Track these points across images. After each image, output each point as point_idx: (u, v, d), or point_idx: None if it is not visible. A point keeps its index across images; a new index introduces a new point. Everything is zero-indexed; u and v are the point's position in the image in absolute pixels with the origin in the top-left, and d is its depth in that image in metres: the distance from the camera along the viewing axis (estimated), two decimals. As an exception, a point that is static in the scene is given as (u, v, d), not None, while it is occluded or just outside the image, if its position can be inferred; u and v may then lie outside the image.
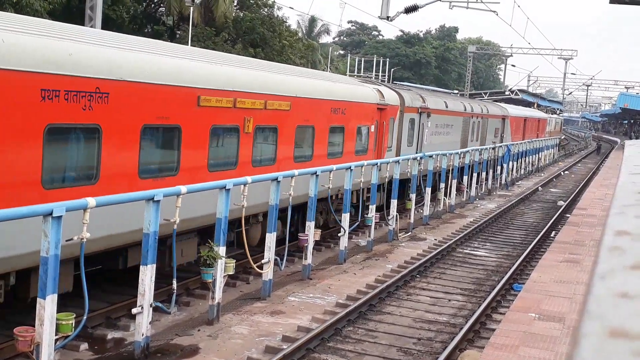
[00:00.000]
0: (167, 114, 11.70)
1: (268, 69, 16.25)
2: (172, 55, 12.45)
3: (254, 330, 11.82)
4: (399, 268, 16.86)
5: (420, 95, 25.83)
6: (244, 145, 13.96)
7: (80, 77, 9.83)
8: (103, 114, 10.26)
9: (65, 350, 10.19)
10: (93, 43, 10.57)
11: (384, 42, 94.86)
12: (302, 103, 16.19)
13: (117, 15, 33.11)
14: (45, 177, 9.39)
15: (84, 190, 9.77)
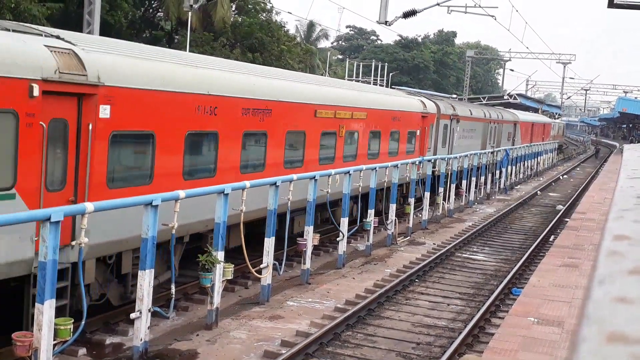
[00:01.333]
0: (298, 123, 16.71)
1: (352, 88, 22.56)
2: (300, 82, 17.87)
3: (252, 335, 11.80)
4: (397, 272, 16.84)
5: (451, 104, 30.03)
6: (339, 146, 18.91)
7: (259, 100, 14.71)
8: (268, 124, 15.14)
9: (63, 356, 10.17)
10: (264, 76, 15.84)
11: (382, 46, 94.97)
12: (374, 113, 21.05)
13: (116, 20, 33.12)
14: (242, 165, 14.30)
15: (255, 176, 14.34)
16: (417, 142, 24.98)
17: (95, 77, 10.29)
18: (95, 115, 10.38)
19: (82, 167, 10.31)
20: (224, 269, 12.06)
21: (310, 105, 17.11)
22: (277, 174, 14.76)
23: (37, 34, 10.52)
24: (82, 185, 10.32)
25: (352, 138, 19.75)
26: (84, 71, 10.13)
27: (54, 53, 9.82)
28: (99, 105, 10.39)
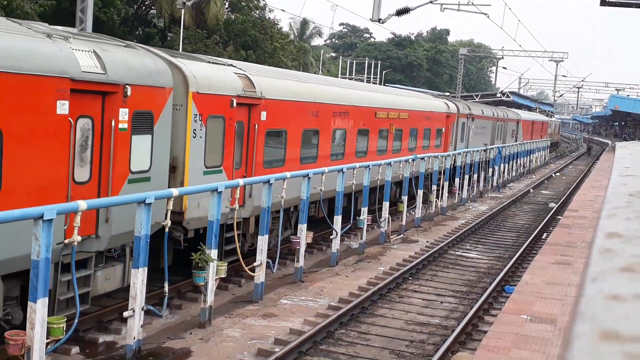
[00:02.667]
0: (365, 123, 21.29)
1: (398, 94, 27.40)
2: (365, 90, 23.84)
3: (246, 333, 11.80)
4: (391, 270, 16.87)
5: (467, 105, 34.52)
6: (389, 140, 23.67)
7: (342, 105, 19.72)
8: (347, 123, 19.99)
9: (56, 354, 10.15)
10: (344, 87, 21.59)
11: (375, 44, 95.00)
12: (414, 114, 25.83)
13: (108, 17, 33.02)
14: (332, 154, 19.33)
15: (340, 162, 18.96)
16: (443, 137, 29.56)
17: (260, 93, 15.18)
18: (259, 118, 15.21)
19: (250, 153, 15.02)
20: (218, 267, 12.05)
21: (372, 108, 22.02)
22: (353, 162, 19.40)
23: (223, 64, 15.27)
24: (250, 166, 15.05)
25: (398, 134, 24.44)
26: (254, 89, 14.95)
27: (239, 77, 14.66)
28: (260, 112, 15.22)
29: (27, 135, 9.42)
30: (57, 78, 9.77)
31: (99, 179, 10.85)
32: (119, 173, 11.09)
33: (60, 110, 9.85)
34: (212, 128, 13.65)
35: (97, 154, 10.79)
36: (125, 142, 11.21)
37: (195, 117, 13.16)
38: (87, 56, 10.49)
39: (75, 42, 10.56)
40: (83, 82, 10.23)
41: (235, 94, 14.17)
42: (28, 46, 9.57)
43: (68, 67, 9.98)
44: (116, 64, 11.01)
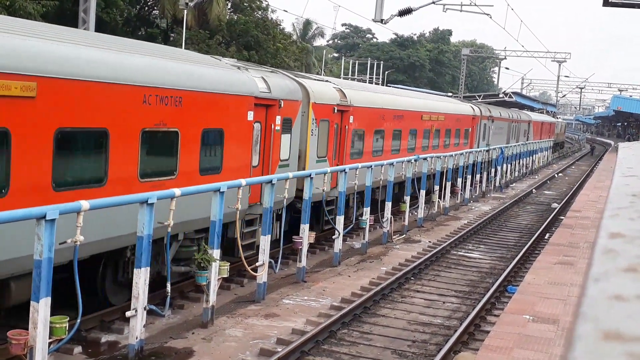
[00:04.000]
0: (414, 124, 25.92)
1: (437, 100, 32.69)
2: (414, 97, 29.05)
3: (248, 333, 11.80)
4: (393, 270, 16.86)
5: (488, 108, 38.52)
6: (431, 138, 27.99)
7: (398, 110, 24.15)
8: (402, 124, 24.59)
9: (59, 354, 10.15)
10: (399, 95, 26.92)
11: (378, 45, 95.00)
12: (449, 116, 30.31)
13: (111, 17, 33.05)
14: (392, 150, 23.95)
15: (395, 156, 22.84)
16: (469, 137, 33.86)
17: (349, 102, 20.02)
18: (349, 121, 20.04)
19: (341, 147, 19.75)
20: (220, 267, 12.06)
21: (419, 112, 26.58)
22: (406, 156, 23.16)
23: (325, 81, 20.67)
24: (341, 157, 19.85)
25: (436, 134, 28.67)
26: (346, 99, 19.85)
27: (337, 90, 19.75)
28: (349, 116, 20.01)
29: (236, 134, 14.02)
30: (248, 97, 14.45)
31: (263, 164, 15.59)
32: (274, 160, 15.94)
33: (249, 118, 14.48)
34: (321, 128, 18.57)
35: (262, 147, 15.49)
36: (278, 139, 16.03)
37: (313, 120, 17.96)
38: (260, 81, 15.18)
39: (252, 71, 15.54)
40: (260, 98, 14.91)
41: (335, 103, 19.19)
42: (234, 76, 14.41)
43: (253, 89, 14.67)
44: (275, 85, 15.77)
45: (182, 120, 12.33)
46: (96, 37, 12.44)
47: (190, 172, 12.56)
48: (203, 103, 12.87)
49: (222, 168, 13.47)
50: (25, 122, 9.08)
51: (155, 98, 11.51)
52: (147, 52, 12.31)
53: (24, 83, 8.88)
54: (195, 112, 12.66)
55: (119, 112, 10.83)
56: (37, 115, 9.24)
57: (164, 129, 11.86)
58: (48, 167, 9.46)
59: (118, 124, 10.80)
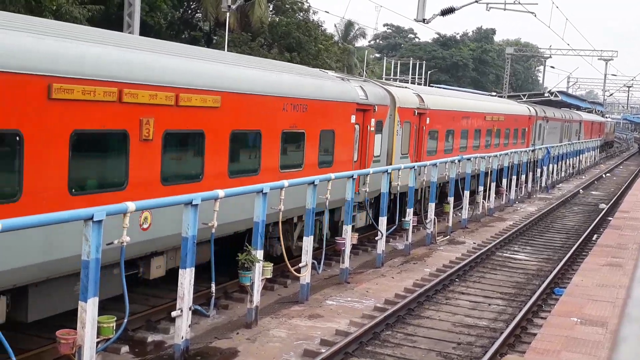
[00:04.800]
0: (478, 124, 28.24)
1: (498, 102, 35.39)
2: (477, 100, 31.21)
3: (292, 333, 11.82)
4: (437, 272, 16.72)
5: (542, 109, 40.13)
6: (492, 137, 30.21)
7: (467, 111, 26.71)
8: (469, 125, 27.16)
9: (106, 353, 10.30)
10: (466, 99, 29.68)
11: (420, 44, 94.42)
12: (508, 117, 32.51)
13: (155, 21, 33.48)
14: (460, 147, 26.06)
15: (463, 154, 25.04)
16: (526, 136, 35.81)
17: (427, 105, 22.49)
18: (425, 122, 22.43)
19: (419, 145, 22.22)
20: (263, 267, 12.09)
21: (483, 113, 28.96)
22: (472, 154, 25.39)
23: (405, 87, 23.28)
24: (419, 154, 22.20)
25: (497, 133, 30.74)
26: (424, 103, 22.36)
27: (416, 95, 22.28)
28: (426, 118, 22.40)
29: (343, 134, 17.00)
30: (352, 103, 17.39)
31: (360, 159, 18.24)
32: (369, 156, 18.63)
33: (352, 120, 17.42)
34: (404, 129, 21.07)
35: (360, 145, 18.21)
36: (372, 138, 18.77)
37: (398, 122, 20.45)
38: (359, 89, 18.08)
39: (352, 81, 18.58)
40: (360, 104, 17.78)
41: (415, 107, 21.75)
42: (341, 86, 17.37)
43: (354, 97, 17.59)
44: (371, 93, 18.59)
45: (307, 123, 15.36)
46: (252, 60, 16.40)
47: (312, 165, 15.60)
48: (321, 109, 15.95)
49: (333, 162, 16.53)
50: (214, 126, 12.20)
51: (290, 106, 14.62)
52: (284, 69, 15.83)
53: (214, 97, 12.08)
54: (315, 116, 15.66)
55: (267, 118, 13.87)
56: (220, 121, 12.32)
57: (295, 130, 14.95)
58: (226, 160, 12.58)
59: (267, 126, 13.84)
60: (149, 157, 10.76)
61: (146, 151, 10.69)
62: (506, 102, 36.84)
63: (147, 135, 10.64)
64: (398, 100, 20.49)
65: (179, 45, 13.96)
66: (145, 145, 10.65)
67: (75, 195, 9.45)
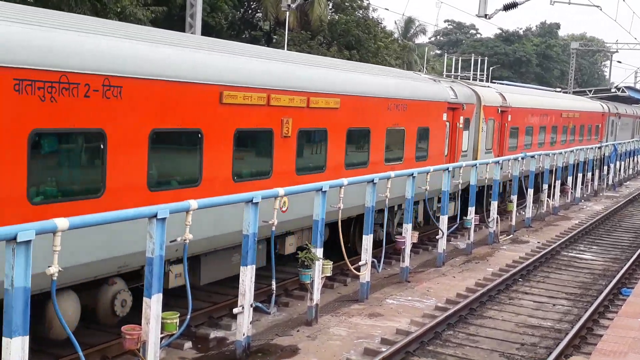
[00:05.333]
0: (555, 122, 29.49)
1: (571, 99, 36.22)
2: (553, 98, 32.74)
3: (352, 332, 11.80)
4: (500, 271, 16.45)
5: (615, 105, 41.09)
6: (568, 134, 31.40)
7: (545, 109, 28.13)
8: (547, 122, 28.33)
9: (170, 349, 10.49)
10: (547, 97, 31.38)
11: (482, 40, 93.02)
12: (583, 114, 33.62)
13: (216, 22, 33.93)
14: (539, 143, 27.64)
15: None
16: (599, 133, 36.86)
17: (508, 103, 23.78)
18: (507, 119, 23.75)
19: (501, 141, 23.63)
20: (323, 265, 12.11)
21: (560, 110, 30.19)
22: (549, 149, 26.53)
23: (488, 87, 24.57)
24: (501, 149, 23.63)
25: (573, 129, 32.05)
26: (506, 101, 23.60)
27: (498, 94, 23.63)
28: (508, 115, 23.78)
29: (436, 131, 18.70)
30: (444, 102, 19.11)
31: (449, 154, 19.85)
32: (458, 151, 20.25)
33: (444, 118, 19.07)
34: (489, 126, 22.50)
35: (450, 141, 19.80)
36: (461, 134, 20.11)
37: (483, 120, 21.83)
38: (449, 90, 19.71)
39: (443, 82, 20.55)
40: (450, 103, 19.42)
41: (499, 105, 23.21)
42: (435, 87, 19.21)
43: (446, 97, 19.28)
44: (460, 93, 20.32)
45: (407, 121, 17.10)
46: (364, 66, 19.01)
47: (410, 159, 17.41)
48: (418, 108, 17.64)
49: (428, 156, 18.18)
50: (334, 124, 14.25)
51: (394, 106, 16.48)
52: (388, 73, 18.19)
53: (335, 99, 14.15)
54: (413, 115, 17.39)
55: (376, 116, 15.74)
56: (339, 120, 14.38)
57: (397, 127, 16.72)
58: (343, 154, 14.66)
59: (375, 124, 15.73)
60: (287, 151, 12.90)
61: (285, 146, 12.82)
62: (580, 100, 37.44)
63: (287, 133, 12.80)
64: (483, 99, 21.88)
65: (308, 56, 16.95)
66: (285, 141, 12.79)
67: (237, 182, 11.58)
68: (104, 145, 9.16)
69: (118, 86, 9.22)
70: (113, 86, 9.15)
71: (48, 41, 8.53)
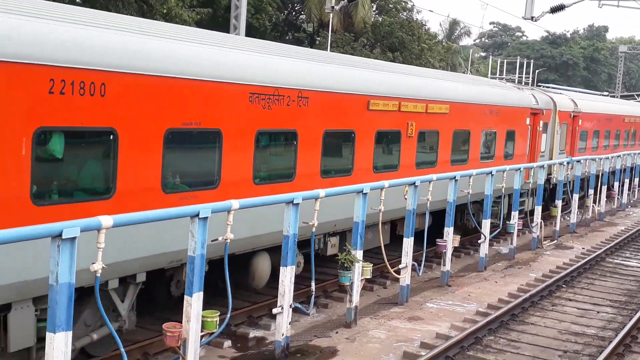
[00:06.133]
0: (618, 127, 31.21)
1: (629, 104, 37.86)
2: (617, 104, 33.90)
3: (391, 335, 11.73)
4: (543, 277, 16.20)
5: None
6: (629, 138, 32.94)
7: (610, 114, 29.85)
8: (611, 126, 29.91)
9: (210, 347, 10.57)
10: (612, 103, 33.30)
11: (527, 43, 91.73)
12: None
13: (260, 23, 34.09)
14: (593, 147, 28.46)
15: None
16: None
17: (579, 109, 25.67)
18: (578, 123, 25.59)
19: (572, 143, 25.34)
20: (363, 267, 12.07)
21: (622, 115, 31.72)
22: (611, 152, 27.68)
23: (559, 93, 26.05)
24: (572, 151, 25.27)
25: (634, 133, 33.83)
26: (577, 107, 25.52)
27: (570, 100, 25.46)
28: (578, 120, 25.61)
29: (520, 133, 20.86)
30: (527, 108, 21.30)
31: (530, 155, 21.70)
32: (537, 152, 22.19)
33: (527, 122, 21.27)
34: (562, 129, 24.37)
35: (531, 142, 21.74)
36: (540, 137, 22.40)
37: (557, 123, 23.63)
38: (531, 97, 21.86)
39: (525, 90, 22.56)
40: (533, 109, 21.64)
41: (571, 110, 25.06)
42: (519, 94, 21.44)
43: (529, 103, 21.52)
44: (540, 99, 22.32)
45: (498, 125, 19.51)
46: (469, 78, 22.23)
47: (499, 157, 19.73)
48: (507, 113, 20.04)
49: (513, 155, 20.52)
50: (444, 127, 16.83)
51: (488, 111, 18.96)
52: (486, 83, 20.93)
53: (446, 105, 16.70)
54: (503, 119, 19.81)
55: (475, 120, 18.30)
56: (448, 123, 16.95)
57: (490, 130, 19.20)
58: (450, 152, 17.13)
59: (474, 127, 18.26)
60: (410, 148, 15.53)
61: (409, 144, 15.45)
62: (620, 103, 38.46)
63: (411, 133, 15.41)
64: (558, 104, 23.83)
65: (426, 70, 20.03)
66: (409, 140, 15.41)
67: (376, 173, 14.19)
68: (296, 141, 12.15)
69: (306, 97, 12.19)
70: (303, 97, 12.12)
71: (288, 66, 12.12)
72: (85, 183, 8.85)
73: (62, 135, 8.24)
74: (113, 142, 8.80)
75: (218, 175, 10.46)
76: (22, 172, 7.77)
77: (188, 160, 10.22)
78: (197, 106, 9.92)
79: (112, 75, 8.61)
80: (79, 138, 8.64)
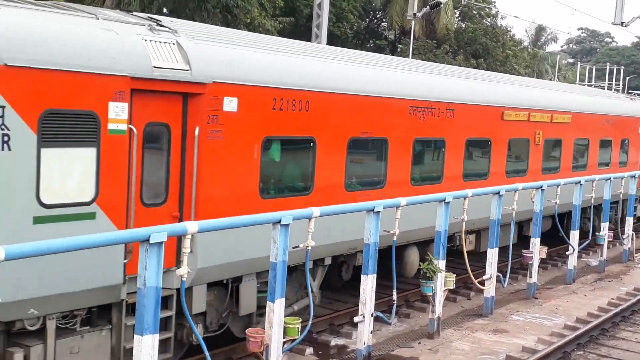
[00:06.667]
0: None
1: None
2: None
3: (475, 347, 11.46)
4: (635, 291, 15.52)
5: None
6: None
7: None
8: None
9: (291, 354, 10.59)
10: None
11: (617, 49, 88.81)
12: None
13: (342, 31, 34.23)
14: None
15: None
16: None
17: None
18: None
19: None
20: (446, 278, 11.85)
21: None
22: None
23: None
24: None
25: None
26: None
27: None
28: None
29: (634, 142, 21.86)
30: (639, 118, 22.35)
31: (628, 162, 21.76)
32: None
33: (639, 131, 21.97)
34: None
35: None
36: None
37: None
38: None
39: (637, 100, 23.37)
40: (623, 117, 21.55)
41: None
42: (632, 105, 21.87)
43: None
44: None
45: (613, 133, 20.29)
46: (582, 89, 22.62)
47: (615, 164, 20.67)
48: (621, 123, 20.86)
49: (627, 163, 21.26)
50: (566, 135, 18.02)
51: (605, 121, 19.85)
52: (603, 95, 22.00)
53: (568, 116, 18.06)
54: (618, 128, 20.62)
55: (593, 129, 19.25)
56: (569, 132, 18.17)
57: (607, 138, 20.01)
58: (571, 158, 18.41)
59: (592, 136, 19.29)
60: (537, 154, 16.85)
61: (537, 151, 16.80)
62: None
63: (538, 142, 16.81)
64: None
65: (550, 83, 21.23)
66: (536, 147, 16.76)
67: (508, 177, 15.58)
68: (444, 148, 13.69)
69: (452, 109, 13.72)
70: (450, 109, 13.66)
71: None
72: (294, 181, 10.74)
73: (279, 143, 10.18)
74: (313, 148, 10.69)
75: (384, 177, 12.22)
76: (255, 172, 9.70)
77: (363, 163, 12.10)
78: (371, 118, 11.79)
79: (313, 94, 10.57)
80: (291, 145, 10.58)
